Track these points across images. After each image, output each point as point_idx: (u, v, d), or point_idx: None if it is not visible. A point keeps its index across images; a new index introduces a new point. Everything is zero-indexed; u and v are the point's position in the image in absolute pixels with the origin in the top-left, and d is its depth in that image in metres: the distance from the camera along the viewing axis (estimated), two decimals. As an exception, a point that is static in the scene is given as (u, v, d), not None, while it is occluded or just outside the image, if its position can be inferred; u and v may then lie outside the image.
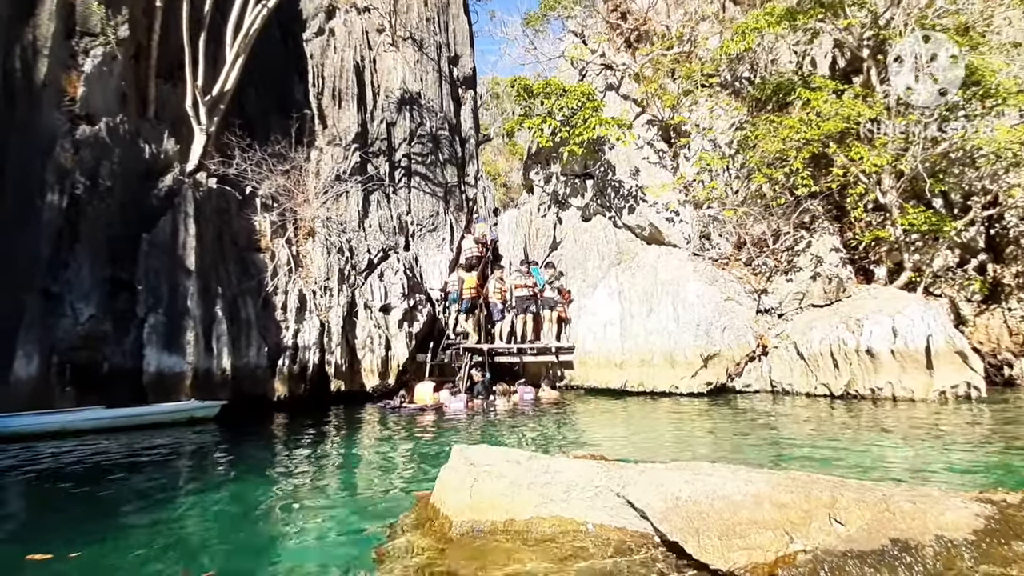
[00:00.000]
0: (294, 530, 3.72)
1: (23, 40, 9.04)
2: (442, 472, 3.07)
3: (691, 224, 11.20)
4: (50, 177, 8.71)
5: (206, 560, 3.23)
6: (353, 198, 13.38)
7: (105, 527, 3.80)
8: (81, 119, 9.25)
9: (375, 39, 14.92)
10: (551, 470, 2.69)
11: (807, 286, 9.49)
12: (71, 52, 9.44)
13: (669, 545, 2.29)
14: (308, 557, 3.19)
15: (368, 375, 12.05)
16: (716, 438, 6.38)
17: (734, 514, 2.22)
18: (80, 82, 9.22)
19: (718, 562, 2.09)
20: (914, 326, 7.62)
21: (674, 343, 9.61)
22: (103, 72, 9.53)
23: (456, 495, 2.76)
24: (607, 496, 2.52)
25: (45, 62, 9.03)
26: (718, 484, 2.35)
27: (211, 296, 9.91)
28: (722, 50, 9.96)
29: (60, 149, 8.88)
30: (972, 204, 9.58)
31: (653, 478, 2.43)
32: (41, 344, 8.20)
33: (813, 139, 8.27)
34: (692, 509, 2.23)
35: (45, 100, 8.96)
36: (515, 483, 2.71)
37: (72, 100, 9.27)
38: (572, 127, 11.47)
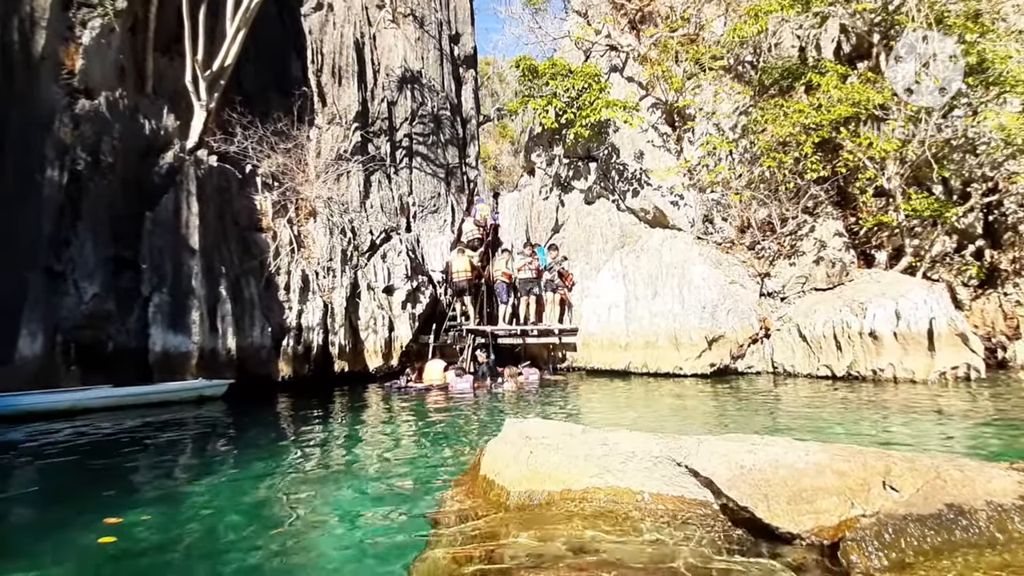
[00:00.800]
0: (336, 499, 3.76)
1: (20, 11, 8.72)
2: (492, 445, 3.12)
3: (695, 208, 11.28)
4: (50, 152, 8.50)
5: (256, 526, 3.27)
6: (354, 178, 13.23)
7: (153, 496, 3.82)
8: (80, 93, 9.00)
9: (375, 15, 14.62)
10: (609, 442, 2.75)
11: (810, 270, 9.64)
12: (69, 24, 9.14)
13: (731, 511, 2.38)
14: (358, 525, 3.24)
15: (371, 356, 12.06)
16: (721, 416, 6.53)
17: (798, 481, 2.31)
18: (79, 55, 8.95)
19: (788, 525, 2.18)
20: (917, 309, 7.81)
21: (679, 325, 9.74)
22: (101, 44, 9.25)
23: (513, 466, 2.82)
24: (666, 466, 2.60)
25: (43, 34, 8.73)
26: (780, 454, 2.43)
27: (215, 275, 9.80)
28: (735, 32, 9.92)
29: (60, 123, 8.65)
30: (971, 191, 9.76)
31: (715, 448, 2.50)
32: (45, 323, 8.08)
33: (823, 124, 8.33)
34: (758, 477, 2.31)
35: (43, 73, 8.69)
36: (571, 455, 2.78)
37: (71, 73, 9.00)
38: (579, 109, 11.41)
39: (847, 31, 11.46)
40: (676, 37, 12.85)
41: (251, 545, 3.00)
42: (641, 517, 2.64)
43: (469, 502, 2.99)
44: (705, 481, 2.40)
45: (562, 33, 14.36)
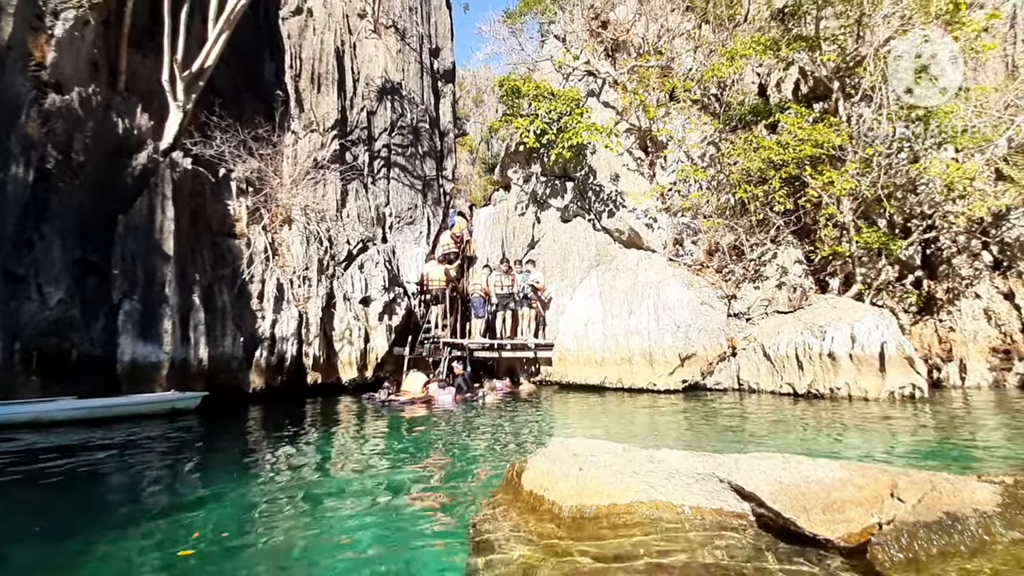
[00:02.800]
0: (362, 520, 3.81)
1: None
2: (536, 461, 3.30)
3: (667, 231, 11.87)
4: (15, 148, 8.02)
5: (291, 551, 3.29)
6: (331, 187, 13.09)
7: (151, 520, 3.74)
8: (49, 87, 8.55)
9: (356, 24, 14.59)
10: (654, 459, 3.00)
11: (773, 294, 10.36)
12: (38, 12, 8.68)
13: (772, 521, 2.67)
14: (397, 546, 3.32)
15: (345, 367, 11.90)
16: (695, 430, 6.94)
17: (828, 494, 2.63)
18: (51, 46, 8.51)
19: (825, 532, 2.48)
20: (870, 334, 8.58)
21: (654, 343, 10.20)
22: (75, 37, 8.84)
23: (563, 482, 3.01)
24: (706, 482, 2.86)
25: (9, 20, 8.28)
26: (809, 470, 2.75)
27: (188, 283, 9.48)
28: (712, 72, 10.61)
29: (26, 117, 8.19)
30: (912, 226, 10.80)
31: (752, 466, 2.79)
32: (4, 330, 7.57)
33: (790, 161, 9.06)
34: (796, 491, 2.61)
35: (9, 63, 8.22)
36: (618, 471, 3.00)
37: (39, 65, 8.55)
38: (561, 131, 11.81)
39: (805, 73, 12.48)
40: (650, 68, 13.56)
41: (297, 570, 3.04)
42: (683, 528, 2.90)
43: (516, 517, 3.15)
44: (749, 495, 2.68)
45: (543, 56, 14.80)
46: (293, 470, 5.23)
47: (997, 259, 10.76)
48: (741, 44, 10.31)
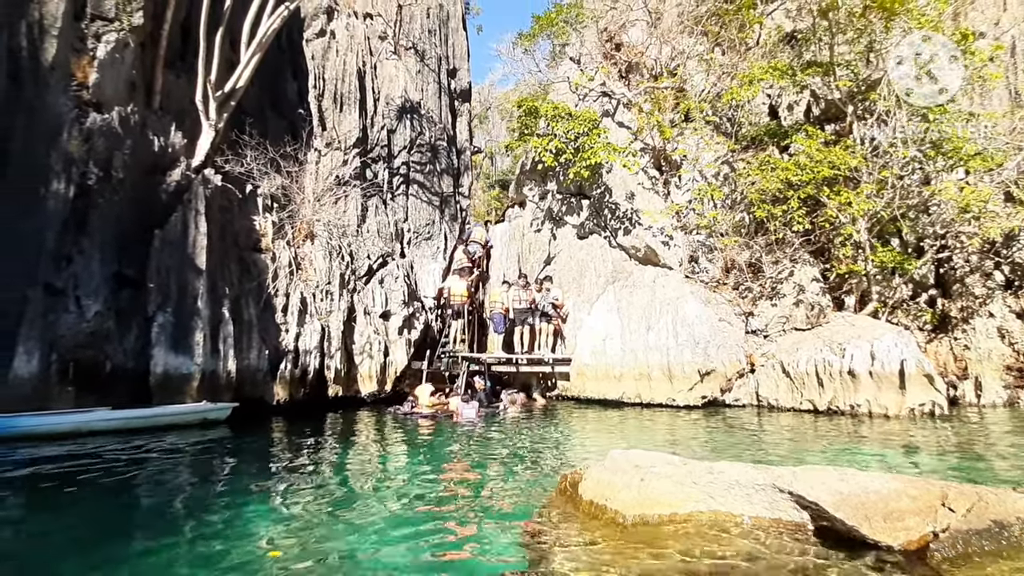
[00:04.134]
0: (414, 529, 3.93)
1: (28, 17, 8.56)
2: (594, 472, 3.45)
3: (683, 248, 12.08)
4: (56, 164, 8.29)
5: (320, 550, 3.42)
6: (352, 203, 13.35)
7: (211, 525, 3.87)
8: (90, 106, 8.85)
9: (377, 46, 14.99)
10: (713, 471, 3.15)
11: (790, 311, 10.52)
12: (80, 35, 9.02)
13: (834, 529, 2.81)
14: (454, 559, 3.45)
15: (365, 381, 12.03)
16: (719, 446, 7.04)
17: (887, 504, 2.77)
18: (93, 68, 8.83)
19: (887, 539, 2.64)
20: (889, 351, 8.72)
21: (673, 358, 10.34)
22: (115, 59, 9.16)
23: (625, 492, 3.16)
24: (765, 493, 3.01)
25: (53, 43, 8.59)
26: (866, 482, 2.90)
27: (218, 296, 9.67)
28: (731, 95, 10.91)
29: (68, 135, 8.46)
30: (924, 246, 10.99)
31: (812, 478, 2.94)
32: (42, 341, 7.75)
33: (808, 182, 9.30)
34: (856, 500, 2.76)
35: (52, 83, 8.52)
36: (679, 482, 3.15)
37: (80, 85, 8.85)
38: (579, 151, 12.09)
39: (816, 96, 12.79)
40: (663, 90, 13.90)
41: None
42: (743, 537, 3.04)
43: (578, 526, 3.29)
44: (810, 505, 2.82)
45: (558, 77, 15.16)
46: (330, 482, 5.35)
47: (1008, 279, 10.94)
48: (759, 69, 10.63)
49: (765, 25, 14.40)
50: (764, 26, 14.40)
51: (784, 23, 14.84)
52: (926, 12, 9.41)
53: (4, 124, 7.83)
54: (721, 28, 14.16)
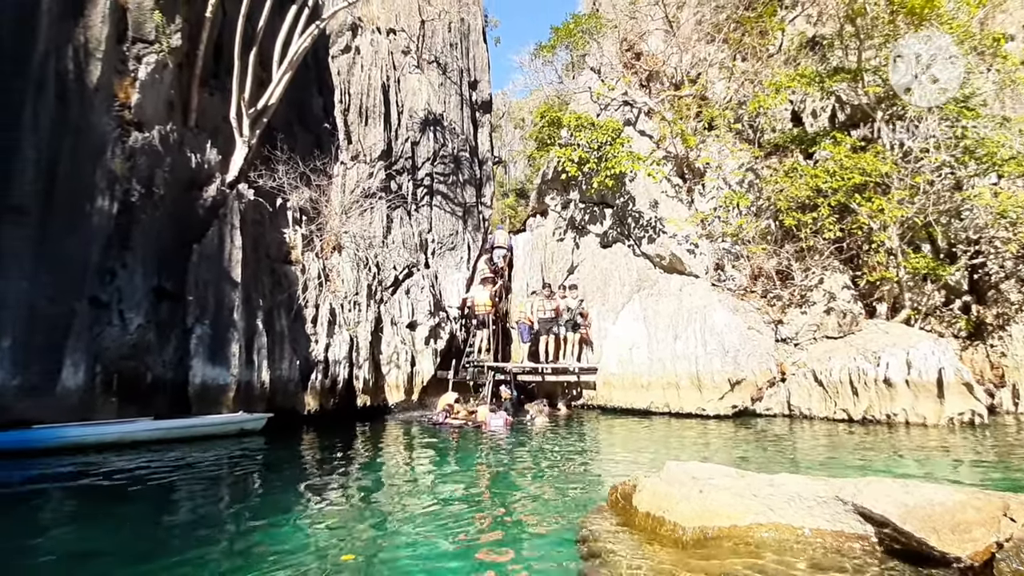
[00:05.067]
0: (449, 536, 3.98)
1: (75, 40, 8.89)
2: (651, 484, 3.47)
3: (708, 256, 12.03)
4: (100, 182, 8.57)
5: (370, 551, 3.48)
6: (377, 214, 13.57)
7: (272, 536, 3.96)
8: (132, 125, 9.15)
9: (400, 60, 15.27)
10: (774, 483, 3.16)
11: (821, 319, 10.41)
12: (122, 57, 9.35)
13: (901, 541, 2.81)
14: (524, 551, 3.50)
15: (392, 391, 12.17)
16: (754, 456, 6.95)
17: (953, 516, 2.76)
18: (135, 89, 9.14)
19: (955, 550, 2.63)
20: (926, 359, 8.58)
21: (702, 367, 10.28)
22: (155, 80, 9.47)
23: (684, 504, 3.18)
24: (830, 505, 3.01)
25: (98, 65, 8.90)
26: (930, 493, 2.89)
27: (252, 308, 9.88)
28: (757, 103, 10.91)
29: (111, 154, 8.76)
30: (957, 251, 10.82)
31: (876, 490, 2.94)
32: (88, 353, 7.99)
33: (838, 189, 9.24)
34: (923, 512, 2.75)
35: (97, 104, 8.83)
36: (738, 494, 3.16)
37: (123, 106, 9.16)
38: (603, 160, 12.15)
39: (842, 101, 12.70)
40: (684, 98, 13.92)
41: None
42: (805, 549, 3.04)
43: (635, 538, 3.31)
44: (876, 517, 2.82)
45: (578, 87, 15.28)
46: (372, 493, 5.42)
47: (1047, 284, 10.70)
48: (785, 77, 10.62)
49: (786, 31, 14.39)
50: (785, 32, 14.39)
51: (806, 28, 14.81)
52: (956, 16, 9.33)
53: (53, 145, 8.13)
54: (742, 35, 14.16)
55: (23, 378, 7.23)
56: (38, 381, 7.38)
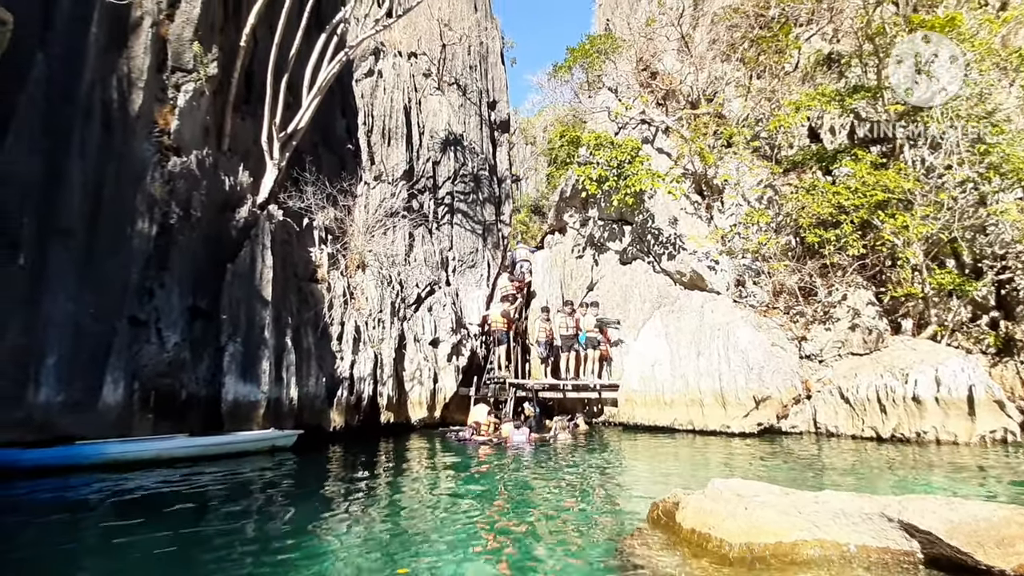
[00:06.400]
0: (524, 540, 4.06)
1: (119, 71, 9.33)
2: (695, 501, 3.54)
3: (729, 272, 12.07)
4: (141, 206, 8.91)
5: None
6: (400, 232, 13.84)
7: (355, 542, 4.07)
8: (170, 150, 9.52)
9: (421, 83, 15.68)
10: (819, 500, 3.21)
11: (846, 335, 10.36)
12: (162, 86, 9.77)
13: (946, 556, 2.85)
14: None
15: (415, 407, 12.28)
16: (779, 474, 6.88)
17: (998, 531, 2.80)
18: (174, 116, 9.53)
19: (1000, 564, 2.68)
20: (956, 377, 8.50)
21: (726, 384, 10.27)
22: (192, 107, 9.87)
23: (730, 521, 3.24)
24: (875, 521, 3.06)
25: (140, 94, 9.32)
26: (974, 510, 2.93)
27: (281, 326, 10.11)
28: (778, 122, 11.04)
29: (151, 179, 9.11)
30: (983, 267, 10.73)
31: (921, 506, 2.98)
32: (126, 371, 8.24)
33: (861, 205, 9.28)
34: (968, 528, 2.80)
35: (138, 131, 9.22)
36: (784, 511, 3.22)
37: (162, 132, 9.55)
38: (623, 177, 12.32)
39: (860, 118, 12.76)
40: (701, 116, 14.10)
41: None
42: (851, 565, 3.09)
43: (681, 553, 3.38)
44: (921, 533, 2.87)
45: (596, 106, 15.54)
46: (406, 508, 5.52)
47: (1077, 299, 10.55)
48: (805, 96, 10.74)
49: (803, 49, 14.55)
50: (801, 50, 14.54)
51: (822, 46, 14.96)
52: (977, 33, 9.41)
53: (98, 170, 8.50)
54: (758, 54, 14.34)
55: (67, 394, 7.48)
56: (81, 397, 7.63)
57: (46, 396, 7.31)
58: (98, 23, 8.82)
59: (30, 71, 8.07)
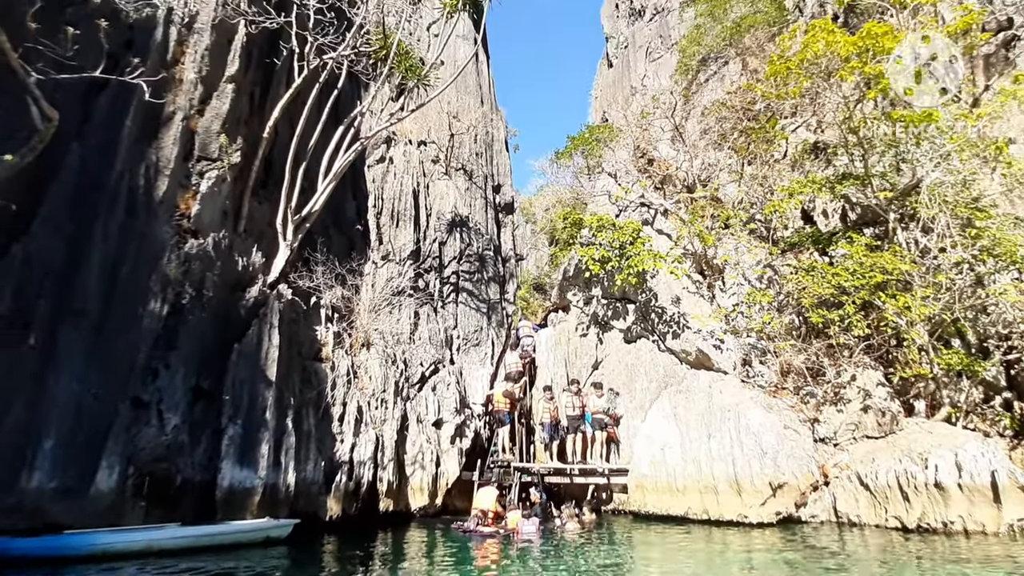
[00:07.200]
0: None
1: (147, 159, 9.84)
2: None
3: (735, 352, 12.04)
4: (155, 286, 9.06)
5: None
6: (405, 311, 13.96)
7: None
8: (188, 232, 9.84)
9: (430, 168, 16.50)
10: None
11: (859, 417, 10.15)
12: (187, 173, 10.27)
13: None
14: None
15: (416, 494, 11.77)
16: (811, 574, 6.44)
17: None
18: (195, 201, 9.95)
19: None
20: (977, 461, 8.23)
21: (740, 470, 9.91)
22: (214, 192, 10.32)
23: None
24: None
25: (165, 181, 9.77)
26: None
27: (283, 407, 9.94)
28: (773, 207, 11.52)
29: (167, 260, 9.35)
30: (989, 346, 10.72)
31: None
32: (123, 455, 8.01)
33: (861, 287, 9.46)
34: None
35: (160, 214, 9.59)
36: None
37: (182, 215, 9.93)
38: (625, 258, 12.63)
39: (851, 202, 13.30)
40: (698, 199, 14.70)
41: None
42: None
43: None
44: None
45: (596, 190, 16.24)
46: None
47: (1089, 379, 10.44)
48: (797, 184, 11.29)
49: (790, 139, 15.43)
50: (789, 140, 15.43)
51: (808, 136, 15.87)
52: (954, 126, 10.04)
53: (117, 252, 8.74)
54: (748, 143, 15.20)
55: (60, 480, 7.22)
56: (74, 483, 7.36)
57: (39, 481, 7.07)
58: (133, 117, 9.45)
59: (64, 160, 8.55)
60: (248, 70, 11.55)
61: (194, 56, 10.53)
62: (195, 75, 10.38)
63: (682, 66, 20.80)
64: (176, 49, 10.45)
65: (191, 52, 10.57)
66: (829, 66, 10.72)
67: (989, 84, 12.38)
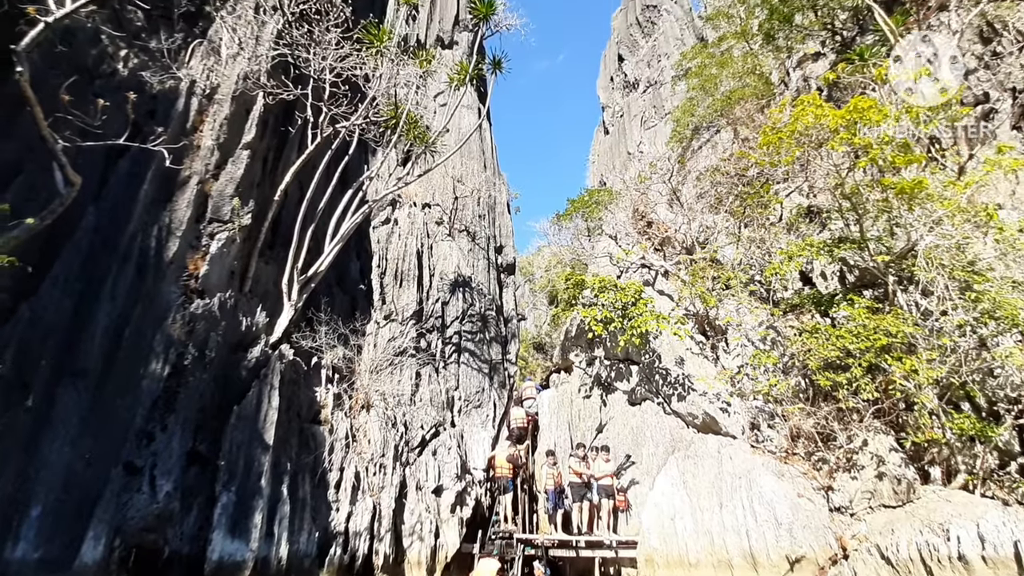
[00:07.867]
0: None
1: (160, 222, 10.06)
2: None
3: (743, 415, 11.82)
4: (158, 346, 9.01)
5: None
6: (407, 372, 13.78)
7: None
8: (195, 293, 9.90)
9: (434, 229, 16.83)
10: None
11: (874, 485, 9.83)
12: (198, 235, 10.46)
13: None
14: None
15: (413, 568, 11.17)
16: None
17: None
18: (204, 262, 10.08)
19: None
20: (999, 532, 7.90)
21: (754, 542, 9.48)
22: (223, 253, 10.48)
23: None
24: None
25: (176, 242, 9.95)
26: None
27: (279, 472, 9.63)
28: (773, 270, 11.70)
29: (172, 320, 9.34)
30: (999, 410, 10.57)
31: None
32: (111, 524, 7.66)
33: (867, 349, 9.44)
34: None
35: (168, 275, 9.68)
36: None
37: (190, 276, 10.02)
38: (628, 319, 12.66)
39: (849, 264, 13.51)
40: (697, 261, 14.93)
41: None
42: None
43: None
44: None
45: (597, 252, 16.52)
46: None
47: (1106, 443, 10.22)
48: (795, 247, 11.52)
49: (784, 204, 15.90)
50: (784, 204, 15.89)
51: (802, 200, 16.37)
52: (943, 194, 10.38)
53: (123, 312, 8.75)
54: (744, 207, 15.64)
55: (45, 551, 6.88)
56: (58, 555, 7.00)
57: (23, 552, 6.74)
58: (151, 181, 9.75)
59: (81, 222, 8.73)
60: (263, 137, 12.04)
61: (213, 124, 11.01)
62: (213, 142, 10.80)
63: (676, 134, 21.78)
64: (196, 118, 10.94)
65: (210, 120, 11.06)
66: (819, 136, 11.23)
67: (973, 153, 12.93)
